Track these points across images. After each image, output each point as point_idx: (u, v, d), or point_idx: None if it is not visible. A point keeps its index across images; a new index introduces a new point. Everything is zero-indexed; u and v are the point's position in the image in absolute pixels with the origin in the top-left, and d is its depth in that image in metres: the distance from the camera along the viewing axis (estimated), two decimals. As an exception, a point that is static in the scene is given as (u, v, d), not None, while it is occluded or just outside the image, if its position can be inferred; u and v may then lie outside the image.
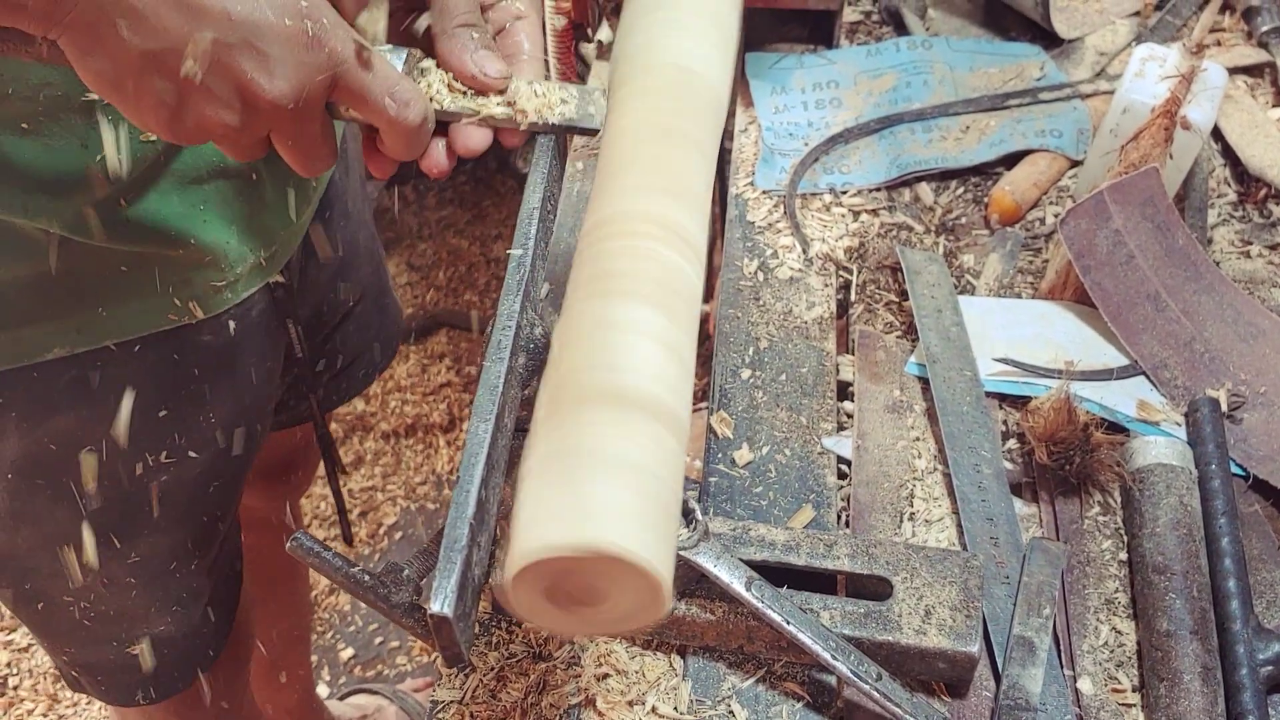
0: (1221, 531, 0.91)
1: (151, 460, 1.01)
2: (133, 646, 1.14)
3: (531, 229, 0.79)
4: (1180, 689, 0.83)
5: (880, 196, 1.24)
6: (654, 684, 0.86)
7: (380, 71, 0.71)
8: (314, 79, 0.68)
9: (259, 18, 0.65)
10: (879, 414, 1.04)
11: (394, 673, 2.24)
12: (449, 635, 0.59)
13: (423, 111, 0.73)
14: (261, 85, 0.66)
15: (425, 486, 2.50)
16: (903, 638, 0.84)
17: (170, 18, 0.63)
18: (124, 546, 1.05)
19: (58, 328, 0.91)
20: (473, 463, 0.64)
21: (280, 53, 0.66)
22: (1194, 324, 1.05)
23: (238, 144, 0.71)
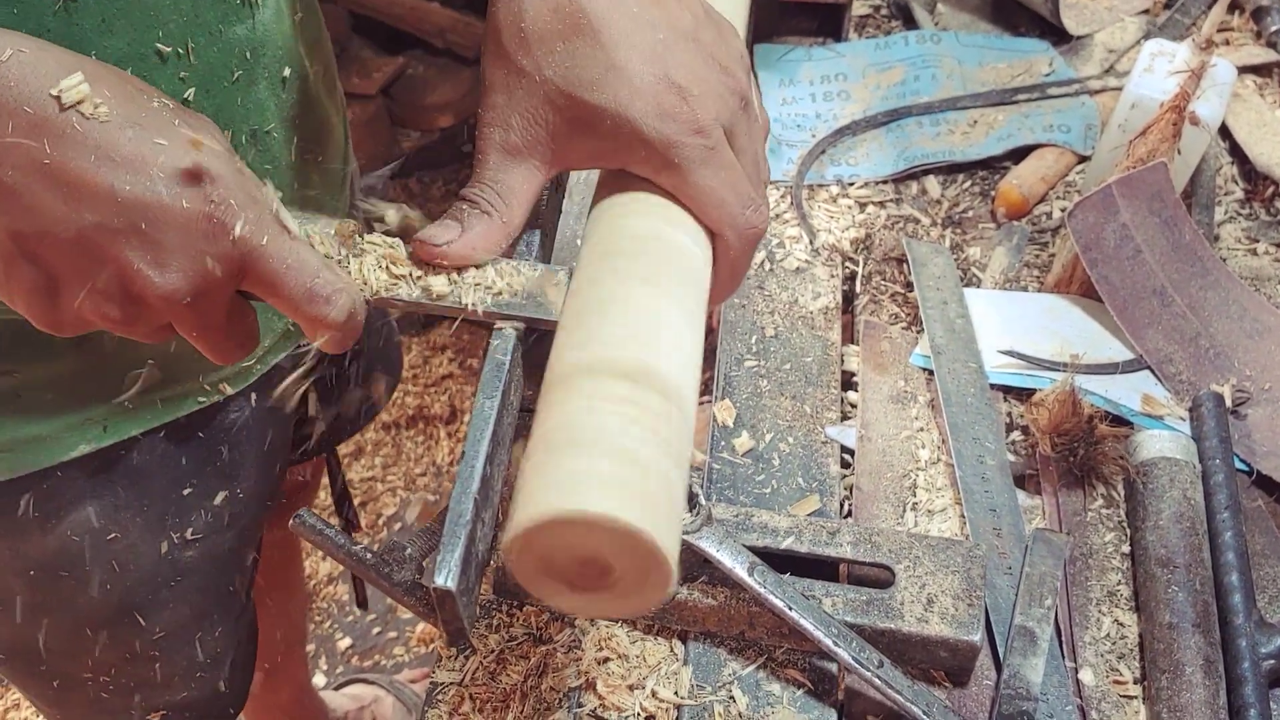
0: (1224, 526, 0.91)
1: (176, 538, 0.97)
2: (153, 715, 1.09)
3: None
4: (1182, 681, 0.83)
5: (887, 189, 1.24)
6: (654, 668, 0.86)
7: (297, 261, 0.61)
8: (214, 270, 0.58)
9: (150, 199, 0.56)
10: (883, 404, 1.04)
11: (391, 663, 2.24)
12: (452, 610, 0.59)
13: (347, 307, 0.63)
14: (150, 278, 0.57)
15: (425, 477, 2.50)
16: (905, 625, 0.84)
17: (44, 197, 0.55)
18: (148, 623, 1.00)
19: (83, 426, 0.86)
20: (478, 438, 0.64)
21: (174, 240, 0.57)
22: (1200, 319, 1.05)
23: (129, 334, 0.62)
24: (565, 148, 0.65)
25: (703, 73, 0.63)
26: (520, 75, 0.64)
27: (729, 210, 0.65)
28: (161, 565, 0.98)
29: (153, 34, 0.70)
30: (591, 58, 0.62)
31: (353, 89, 2.88)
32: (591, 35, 0.62)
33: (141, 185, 0.56)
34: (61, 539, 0.91)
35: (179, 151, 0.57)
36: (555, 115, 0.64)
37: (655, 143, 0.62)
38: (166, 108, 0.59)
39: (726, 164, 0.64)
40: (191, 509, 0.97)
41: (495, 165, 0.66)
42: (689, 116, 0.62)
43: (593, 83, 0.62)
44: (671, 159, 0.63)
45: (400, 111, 3.02)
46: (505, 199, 0.66)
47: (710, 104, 0.63)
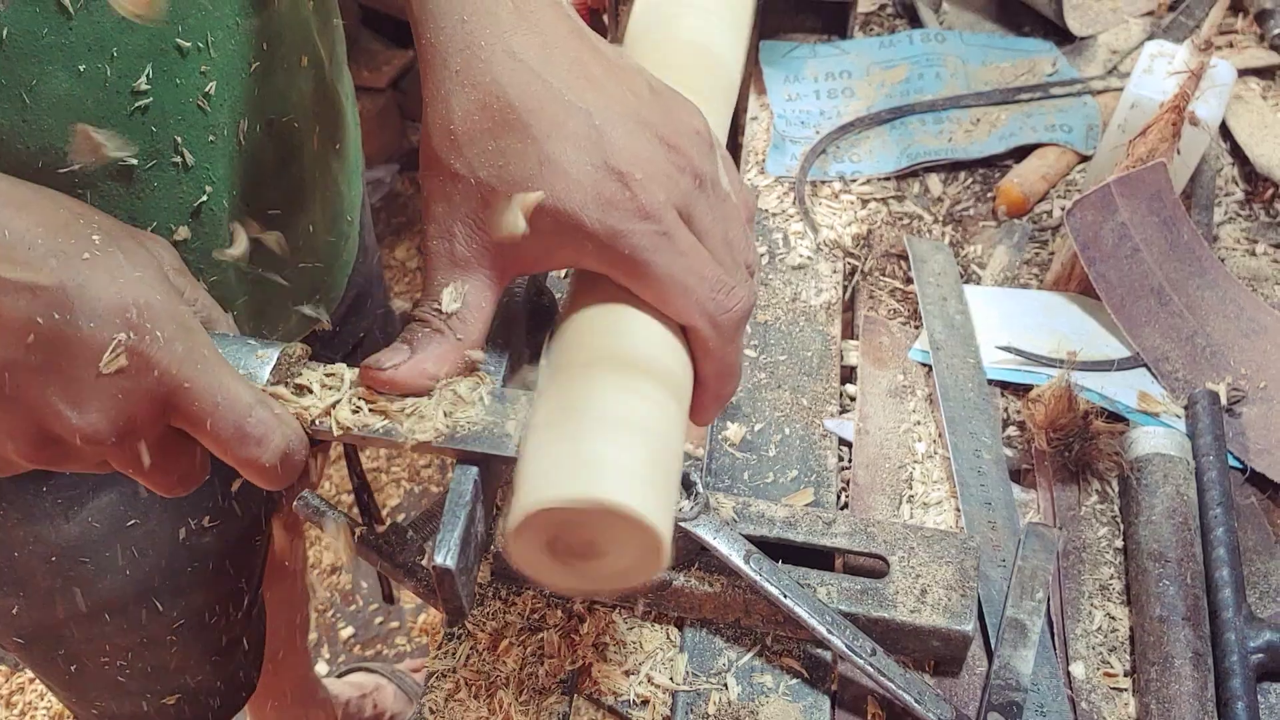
0: (1216, 521, 0.92)
1: (194, 524, 0.98)
2: (168, 698, 1.10)
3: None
4: (1171, 673, 0.84)
5: (889, 185, 1.25)
6: (650, 655, 0.87)
7: (227, 398, 0.57)
8: (138, 409, 0.55)
9: (69, 333, 0.52)
10: (881, 398, 1.05)
11: (393, 652, 2.26)
12: (451, 588, 0.60)
13: (280, 448, 0.59)
14: (67, 419, 0.54)
15: (430, 470, 2.52)
16: (898, 615, 0.85)
17: None
18: (166, 608, 1.01)
19: None
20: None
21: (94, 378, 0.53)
22: (1196, 318, 1.06)
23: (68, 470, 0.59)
24: (512, 252, 0.61)
25: (646, 154, 0.59)
26: (455, 180, 0.60)
27: (695, 298, 0.60)
28: (179, 551, 0.99)
29: (173, 28, 0.71)
30: (523, 153, 0.58)
31: (363, 82, 2.89)
32: (521, 129, 0.58)
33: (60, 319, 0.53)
34: (82, 525, 0.91)
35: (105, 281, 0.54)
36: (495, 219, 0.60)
37: (600, 235, 0.58)
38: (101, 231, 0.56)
39: (684, 248, 0.60)
40: (209, 496, 0.98)
41: (444, 279, 0.62)
42: (632, 203, 0.58)
43: (526, 179, 0.58)
44: (621, 250, 0.59)
45: (410, 105, 3.04)
46: (459, 315, 0.62)
47: (656, 187, 0.59)
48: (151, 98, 0.71)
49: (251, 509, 1.05)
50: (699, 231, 0.61)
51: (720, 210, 0.62)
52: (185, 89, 0.73)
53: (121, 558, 0.95)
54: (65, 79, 0.66)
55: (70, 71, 0.66)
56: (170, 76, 0.72)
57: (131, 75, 0.69)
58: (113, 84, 0.68)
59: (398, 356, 0.62)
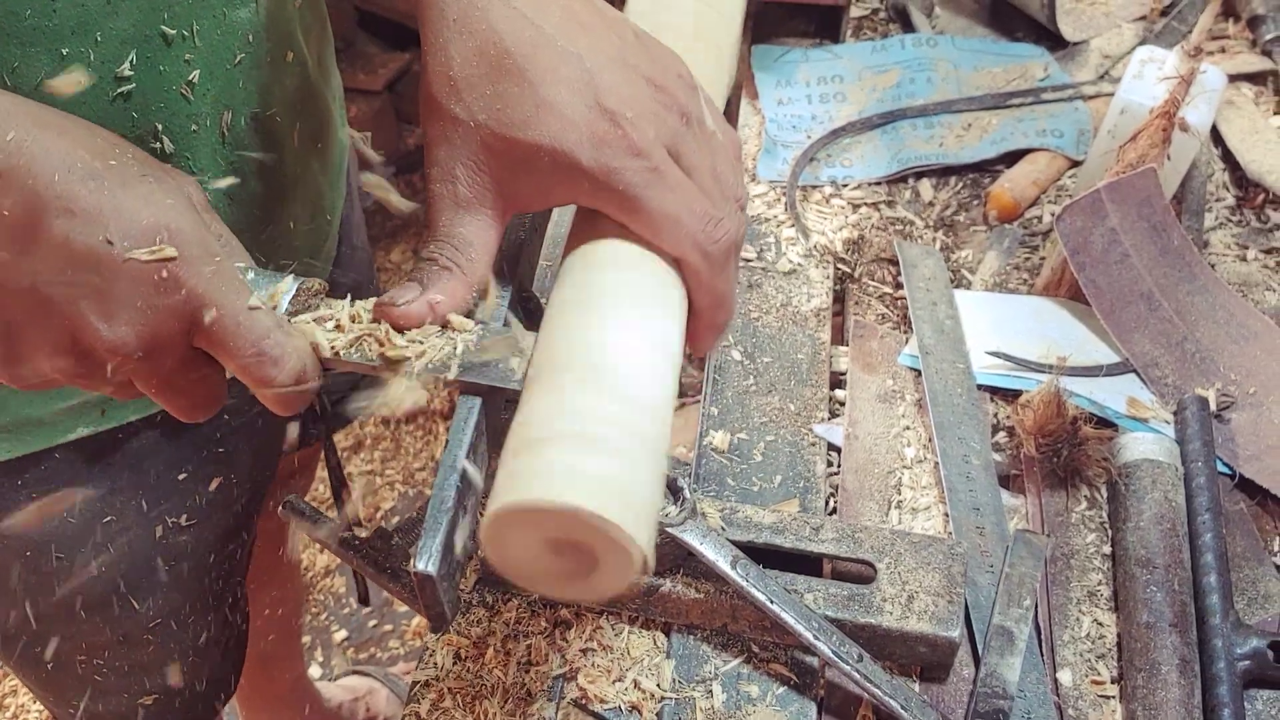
0: (1204, 528, 0.92)
1: (171, 523, 0.98)
2: (146, 697, 1.10)
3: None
4: (1158, 680, 0.84)
5: (880, 190, 1.25)
6: (638, 660, 0.87)
7: (248, 320, 0.60)
8: (165, 325, 0.58)
9: (103, 252, 0.55)
10: (870, 403, 1.05)
11: (386, 656, 2.25)
12: (433, 594, 0.60)
13: (295, 371, 0.62)
14: (99, 331, 0.57)
15: (424, 472, 2.52)
16: (885, 621, 0.85)
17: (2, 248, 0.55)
18: (142, 606, 1.01)
19: (81, 410, 0.86)
20: (461, 428, 0.65)
21: (125, 294, 0.56)
22: (1186, 324, 1.06)
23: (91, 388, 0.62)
24: (512, 190, 0.64)
25: (636, 95, 0.62)
26: (455, 124, 0.63)
27: (686, 230, 0.63)
28: (156, 550, 0.99)
29: (158, 15, 0.71)
30: (520, 96, 0.61)
31: (358, 85, 2.89)
32: (518, 74, 0.61)
33: (95, 237, 0.55)
34: (57, 520, 0.91)
35: (138, 206, 0.57)
36: (494, 160, 0.63)
37: (594, 172, 0.61)
38: (136, 161, 0.59)
39: (674, 184, 0.63)
40: (187, 495, 0.98)
41: (448, 220, 0.65)
42: (624, 141, 0.61)
43: (524, 121, 0.61)
44: (615, 186, 0.62)
45: (406, 107, 3.04)
46: (464, 252, 0.65)
47: (646, 125, 0.62)
48: (135, 84, 0.71)
49: (233, 510, 1.04)
50: (687, 168, 0.64)
51: (707, 147, 0.65)
52: (169, 76, 0.73)
53: (96, 555, 0.95)
54: (48, 62, 0.66)
55: (53, 55, 0.66)
56: (154, 64, 0.72)
57: (115, 61, 0.69)
58: (95, 68, 0.68)
59: (409, 293, 0.64)
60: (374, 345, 0.64)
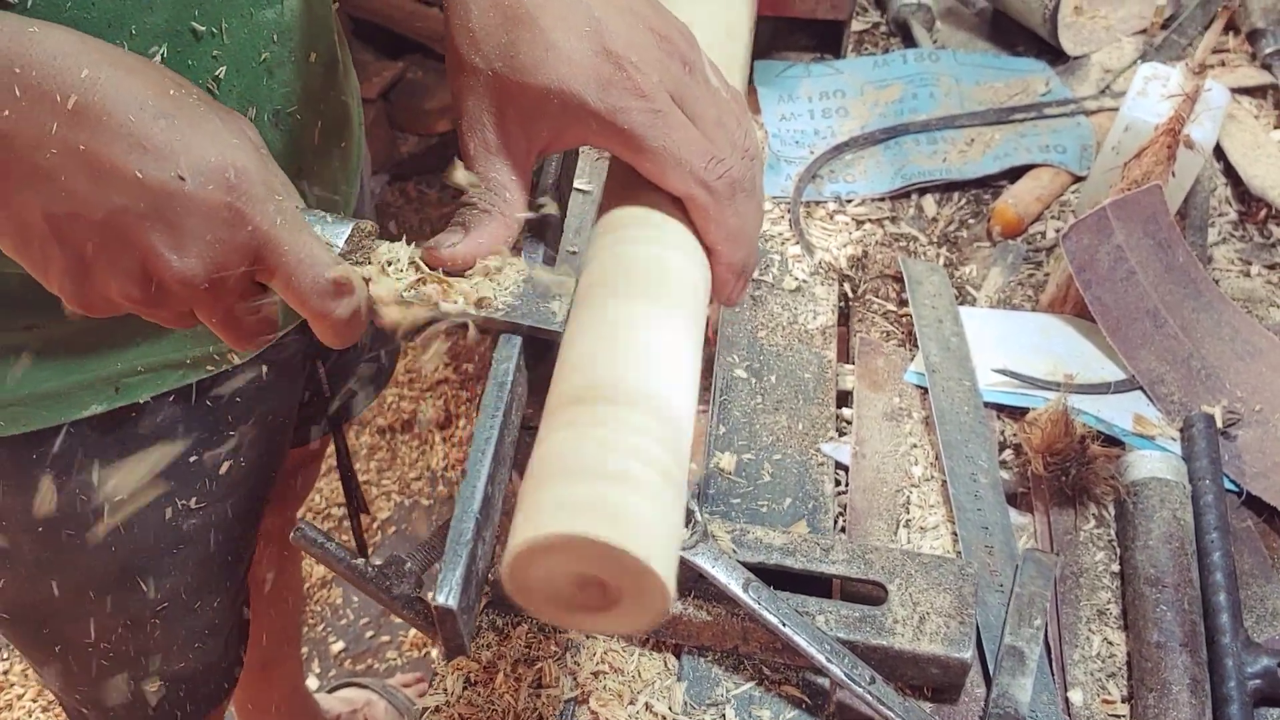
0: (1213, 546, 0.92)
1: (181, 504, 0.99)
2: (150, 683, 1.12)
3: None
4: (1169, 700, 0.84)
5: (884, 207, 1.25)
6: (649, 683, 0.87)
7: (310, 255, 0.64)
8: (231, 258, 0.61)
9: (174, 187, 0.58)
10: (877, 421, 1.05)
11: (384, 667, 2.25)
12: (452, 627, 0.60)
13: (353, 305, 0.65)
14: (169, 261, 0.60)
15: (420, 482, 2.51)
16: (897, 642, 0.85)
17: (77, 180, 0.58)
18: (149, 589, 1.03)
19: (98, 388, 0.88)
20: (480, 457, 0.65)
21: (195, 227, 0.60)
22: (1192, 341, 1.06)
23: (155, 317, 0.65)
24: (533, 133, 0.67)
25: (640, 41, 0.65)
26: (476, 74, 0.66)
27: (690, 168, 0.66)
28: (165, 531, 1.00)
29: (189, 12, 0.74)
30: (531, 43, 0.65)
31: (352, 93, 2.88)
32: (530, 22, 0.64)
33: (167, 173, 0.58)
34: (70, 497, 0.93)
35: (206, 143, 0.60)
36: (512, 105, 0.67)
37: (601, 112, 0.64)
38: (201, 101, 0.62)
39: (677, 125, 0.65)
40: (197, 477, 1.00)
41: (482, 166, 0.68)
42: (629, 83, 0.64)
43: (534, 66, 0.64)
44: (621, 126, 0.65)
45: (399, 116, 3.03)
46: (499, 194, 0.68)
47: (651, 70, 0.65)
48: None
49: (241, 494, 1.06)
50: (691, 114, 0.66)
51: (710, 97, 0.68)
52: (196, 71, 0.76)
53: (108, 534, 0.97)
54: None
55: None
56: (183, 58, 0.75)
57: (146, 54, 0.71)
58: None
59: (454, 237, 0.68)
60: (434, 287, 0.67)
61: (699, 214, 0.67)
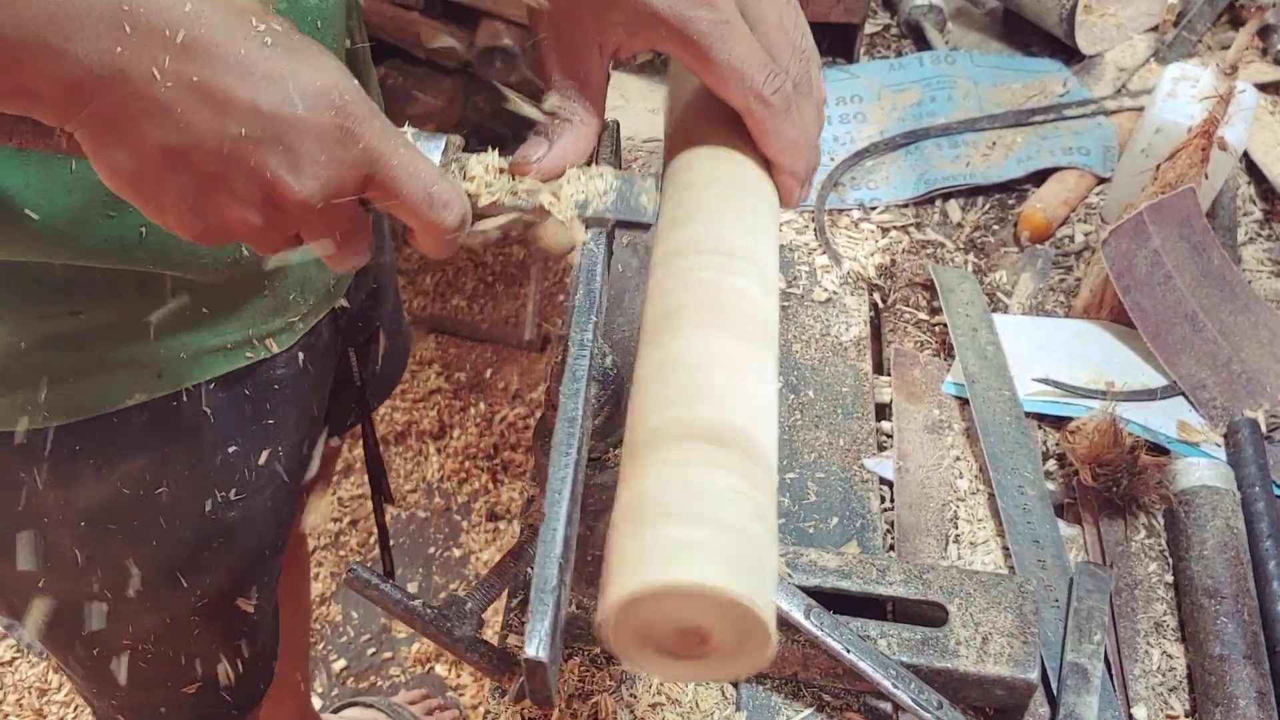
0: (1269, 555, 0.91)
1: (221, 496, 0.99)
2: (189, 686, 1.11)
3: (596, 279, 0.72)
4: (1235, 714, 0.83)
5: (908, 213, 1.23)
6: (708, 714, 0.85)
7: (417, 169, 0.66)
8: (345, 177, 0.64)
9: (288, 112, 0.61)
10: (918, 434, 1.03)
11: (387, 684, 2.22)
12: (542, 679, 0.58)
13: (460, 213, 0.68)
14: (288, 184, 0.62)
15: (416, 494, 2.48)
16: (961, 665, 0.83)
17: (195, 112, 0.59)
18: (190, 586, 1.02)
19: (140, 374, 0.88)
20: (557, 499, 0.62)
21: (310, 149, 0.62)
22: (1230, 344, 1.05)
23: (264, 242, 0.67)
24: (606, 41, 0.70)
25: None
26: None
27: (750, 83, 0.67)
28: (205, 524, 1.00)
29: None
30: None
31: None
32: None
33: (280, 99, 0.60)
34: (112, 489, 0.93)
35: (310, 70, 0.62)
36: (588, 13, 0.69)
37: (670, 19, 0.66)
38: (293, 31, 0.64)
39: (740, 36, 0.67)
40: (235, 468, 0.99)
41: (559, 76, 0.71)
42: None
43: None
44: (688, 34, 0.66)
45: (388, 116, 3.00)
46: (578, 102, 0.71)
47: None
48: None
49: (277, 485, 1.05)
50: (752, 19, 0.68)
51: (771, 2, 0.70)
52: None
53: (149, 528, 0.96)
54: None
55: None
56: None
57: None
58: None
59: (539, 149, 0.71)
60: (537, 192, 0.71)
61: (755, 126, 0.69)
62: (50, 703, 2.14)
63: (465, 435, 2.54)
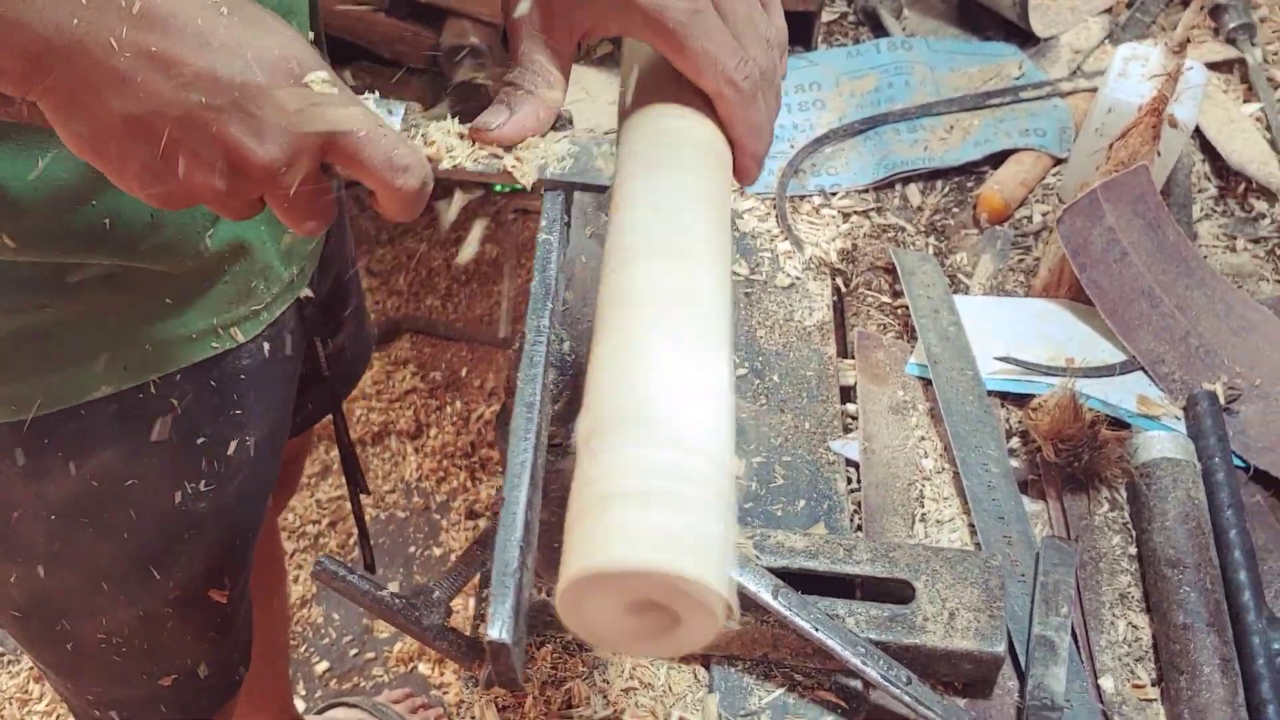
0: (1229, 524, 0.93)
1: (190, 488, 1.00)
2: (164, 679, 1.12)
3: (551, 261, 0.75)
4: (1200, 681, 0.84)
5: (869, 198, 1.24)
6: (680, 697, 0.86)
7: (377, 134, 0.67)
8: (305, 142, 0.65)
9: (248, 79, 0.62)
10: (883, 415, 1.04)
11: (370, 684, 2.22)
12: (506, 661, 0.58)
13: (421, 176, 0.70)
14: (251, 149, 0.63)
15: (394, 495, 2.48)
16: (929, 640, 0.84)
17: (155, 81, 0.60)
18: (162, 578, 1.03)
19: (106, 366, 0.89)
20: (516, 484, 0.63)
21: (271, 115, 0.63)
22: (1188, 319, 1.07)
23: (228, 207, 0.68)
24: (576, 20, 0.72)
25: None
26: None
27: (722, 69, 0.69)
28: (176, 516, 1.00)
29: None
30: None
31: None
32: None
33: (238, 67, 0.61)
34: (83, 482, 0.93)
35: (268, 38, 0.63)
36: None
37: (648, 9, 0.68)
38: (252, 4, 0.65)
39: (714, 25, 0.69)
40: (204, 459, 1.00)
41: (527, 48, 0.73)
42: None
43: None
44: (664, 22, 0.68)
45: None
46: (543, 76, 0.73)
47: None
48: None
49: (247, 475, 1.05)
50: (723, 10, 0.70)
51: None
52: None
53: (119, 520, 0.97)
54: None
55: None
56: None
57: None
58: None
59: (500, 116, 0.73)
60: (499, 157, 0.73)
61: (725, 110, 0.71)
62: (31, 713, 2.13)
63: (442, 434, 2.55)
